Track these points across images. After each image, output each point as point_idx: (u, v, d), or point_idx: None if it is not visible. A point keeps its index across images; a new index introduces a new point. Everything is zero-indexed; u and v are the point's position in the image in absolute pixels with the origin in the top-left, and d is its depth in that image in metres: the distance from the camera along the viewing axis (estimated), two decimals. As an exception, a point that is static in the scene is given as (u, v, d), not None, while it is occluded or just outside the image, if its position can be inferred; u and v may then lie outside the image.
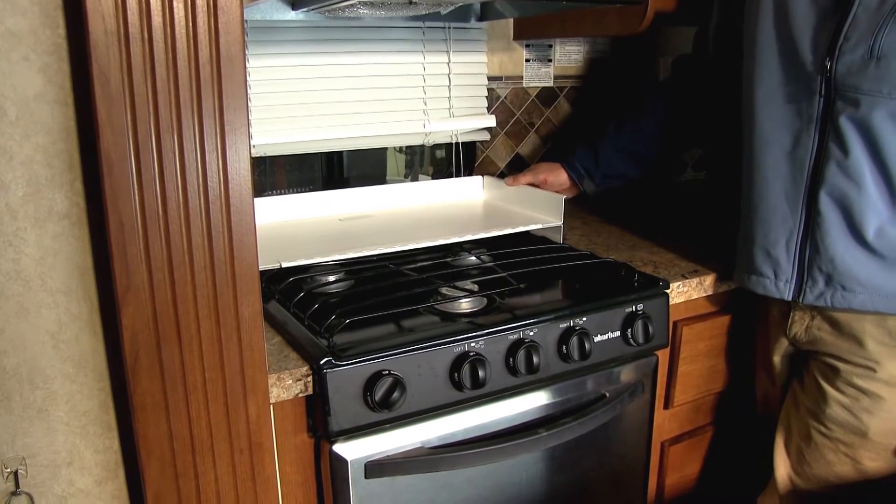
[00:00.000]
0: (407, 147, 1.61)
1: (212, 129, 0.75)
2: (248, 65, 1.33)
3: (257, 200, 1.32)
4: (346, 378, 0.88)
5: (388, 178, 1.61)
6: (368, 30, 1.43)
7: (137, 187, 0.73)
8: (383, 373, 0.89)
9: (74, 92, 0.73)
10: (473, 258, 1.22)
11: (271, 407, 0.87)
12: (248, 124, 0.77)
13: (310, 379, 0.88)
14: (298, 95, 1.39)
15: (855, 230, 1.03)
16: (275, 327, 0.99)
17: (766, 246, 1.12)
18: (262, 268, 0.83)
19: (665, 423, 1.32)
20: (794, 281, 1.10)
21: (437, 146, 1.61)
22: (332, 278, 1.12)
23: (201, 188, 0.76)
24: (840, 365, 1.12)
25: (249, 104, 1.35)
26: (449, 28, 1.51)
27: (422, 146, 1.60)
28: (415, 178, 1.63)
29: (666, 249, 1.34)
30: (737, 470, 1.43)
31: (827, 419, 1.13)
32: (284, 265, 1.12)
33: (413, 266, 1.15)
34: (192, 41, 0.72)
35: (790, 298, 1.11)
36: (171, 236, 0.75)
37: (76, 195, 0.76)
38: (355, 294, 1.06)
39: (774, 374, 1.25)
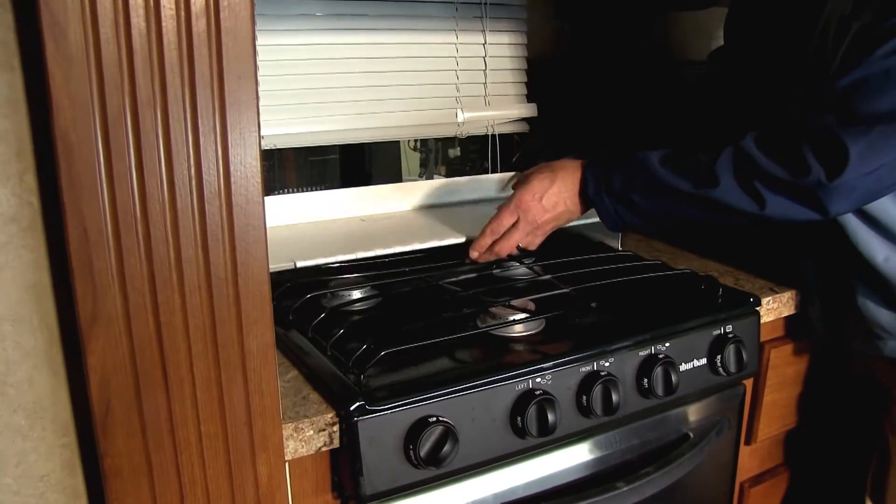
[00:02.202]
0: (421, 145, 1.42)
1: (208, 102, 0.55)
2: (257, 42, 1.14)
3: (266, 200, 1.13)
4: (383, 427, 0.68)
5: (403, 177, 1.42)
6: (393, 4, 1.24)
7: (106, 181, 0.54)
8: (430, 420, 0.69)
9: (22, 51, 0.54)
10: (524, 269, 1.02)
11: (286, 465, 0.68)
12: (258, 98, 0.58)
13: (336, 429, 0.69)
14: (313, 80, 1.20)
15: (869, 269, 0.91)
16: (290, 358, 0.80)
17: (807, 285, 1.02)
18: (273, 269, 0.64)
19: (745, 461, 1.12)
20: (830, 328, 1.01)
21: (450, 144, 1.41)
22: (357, 294, 0.93)
23: (194, 183, 0.56)
24: None
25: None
26: (485, 4, 1.32)
27: (435, 143, 1.41)
28: (429, 178, 1.44)
29: (742, 257, 1.14)
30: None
31: None
32: (300, 265, 0.93)
33: (454, 280, 0.96)
34: (180, -18, 0.53)
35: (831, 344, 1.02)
36: (152, 247, 0.56)
37: (27, 192, 0.57)
38: (387, 315, 0.87)
39: None
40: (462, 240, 1.04)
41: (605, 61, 1.51)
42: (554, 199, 0.96)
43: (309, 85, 1.20)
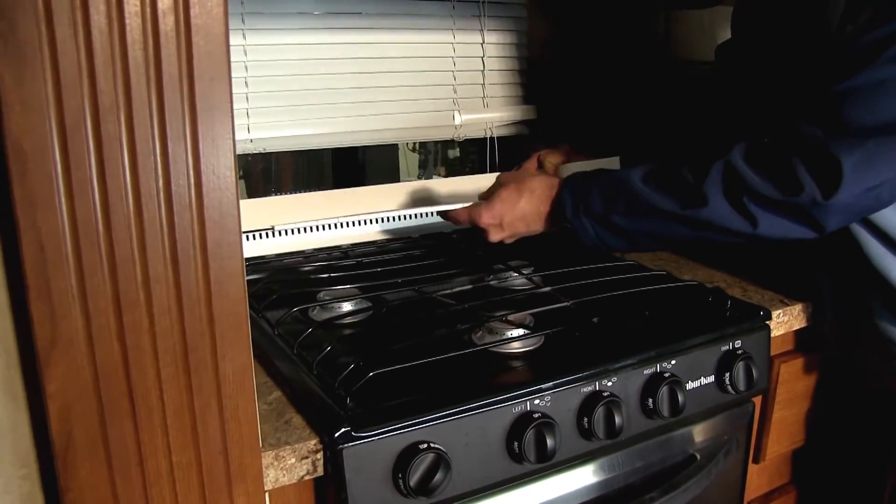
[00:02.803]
0: (420, 146, 1.38)
1: (177, 106, 0.51)
2: (245, 42, 1.10)
3: (255, 202, 1.08)
4: (371, 455, 0.64)
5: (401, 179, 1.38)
6: (389, 3, 1.19)
7: (65, 193, 0.49)
8: (420, 446, 0.65)
9: (-28, 51, 0.49)
10: (523, 279, 0.97)
11: (266, 495, 0.63)
12: (232, 102, 0.53)
13: (320, 456, 0.64)
14: (305, 80, 1.16)
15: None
16: (273, 377, 0.75)
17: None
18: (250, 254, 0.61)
19: (753, 479, 1.07)
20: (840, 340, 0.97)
21: (449, 146, 1.37)
22: (347, 307, 0.88)
23: (162, 195, 0.52)
24: None
25: (246, 90, 1.13)
26: (483, 3, 1.27)
27: (435, 145, 1.37)
28: (428, 178, 1.40)
29: (750, 267, 1.09)
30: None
31: None
32: (278, 227, 1.00)
33: (449, 291, 0.91)
34: (146, -24, 0.48)
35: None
36: (117, 265, 0.51)
37: (-20, 204, 0.52)
38: (378, 331, 0.83)
39: None
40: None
41: (606, 61, 1.46)
42: (514, 219, 0.93)
43: (300, 86, 1.16)
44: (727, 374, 0.85)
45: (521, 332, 0.80)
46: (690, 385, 0.83)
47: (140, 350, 0.54)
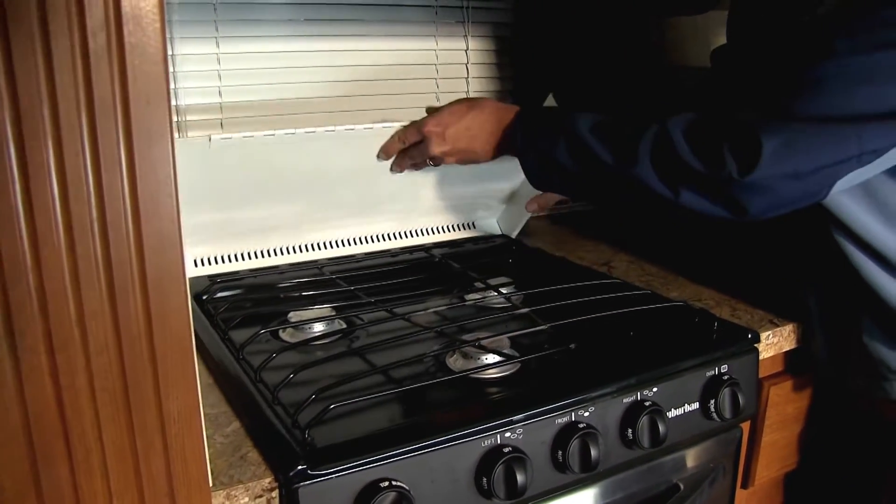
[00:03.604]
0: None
1: (110, 131, 0.47)
2: (218, 50, 1.07)
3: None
4: (328, 494, 0.60)
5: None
6: (369, 8, 1.16)
7: (-12, 225, 0.46)
8: (382, 484, 0.61)
9: None
10: (501, 299, 0.94)
11: (218, 537, 0.60)
12: (171, 125, 0.50)
13: (275, 495, 0.61)
14: (283, 89, 1.12)
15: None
16: (233, 406, 0.72)
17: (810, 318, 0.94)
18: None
19: (741, 506, 1.04)
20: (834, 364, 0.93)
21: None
22: (318, 328, 0.85)
23: (96, 226, 0.48)
24: None
25: (220, 100, 1.09)
26: (467, 8, 1.24)
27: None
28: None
29: (739, 284, 1.06)
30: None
31: None
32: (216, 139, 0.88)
33: (423, 311, 0.88)
34: (74, -10, 0.45)
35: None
36: (48, 300, 0.48)
37: None
38: (347, 356, 0.79)
39: None
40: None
41: (596, 67, 1.43)
42: (458, 131, 0.94)
43: (277, 95, 1.12)
44: (712, 401, 0.82)
45: (494, 358, 0.76)
46: (673, 413, 0.80)
47: (75, 389, 0.50)
